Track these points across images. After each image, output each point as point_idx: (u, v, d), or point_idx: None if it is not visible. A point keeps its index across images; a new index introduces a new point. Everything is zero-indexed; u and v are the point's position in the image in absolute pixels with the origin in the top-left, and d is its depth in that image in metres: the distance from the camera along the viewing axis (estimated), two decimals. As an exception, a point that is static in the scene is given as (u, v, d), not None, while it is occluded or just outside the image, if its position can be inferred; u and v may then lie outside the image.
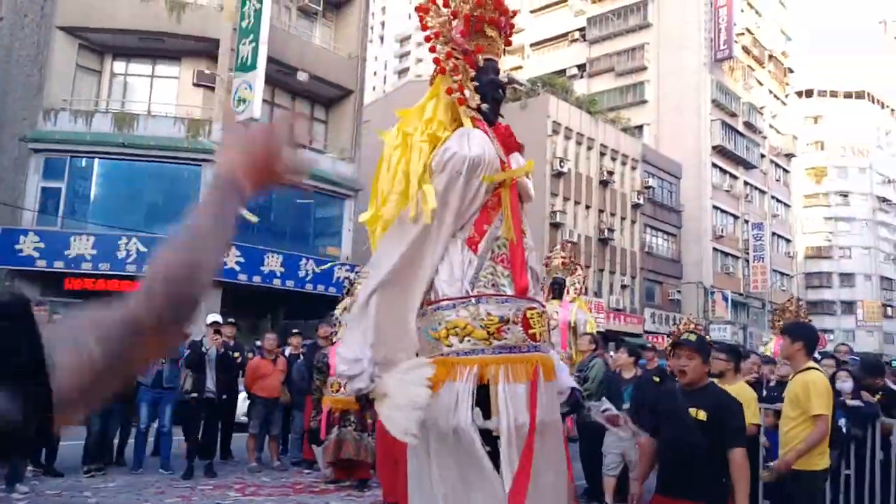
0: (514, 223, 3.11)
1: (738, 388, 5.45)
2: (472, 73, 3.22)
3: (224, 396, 8.66)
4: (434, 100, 3.25)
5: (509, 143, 3.25)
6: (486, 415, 2.91)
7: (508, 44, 3.53)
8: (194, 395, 8.37)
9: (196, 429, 8.44)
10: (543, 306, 3.21)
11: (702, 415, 3.59)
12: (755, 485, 5.79)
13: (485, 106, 3.24)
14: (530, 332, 3.00)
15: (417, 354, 3.07)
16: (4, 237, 17.67)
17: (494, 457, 2.91)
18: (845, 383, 5.78)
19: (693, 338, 3.87)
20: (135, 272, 17.79)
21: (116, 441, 8.81)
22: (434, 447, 2.93)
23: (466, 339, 2.93)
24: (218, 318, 9.12)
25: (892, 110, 63.55)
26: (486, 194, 3.11)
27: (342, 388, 7.89)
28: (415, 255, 3.04)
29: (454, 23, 3.23)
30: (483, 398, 2.90)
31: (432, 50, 3.23)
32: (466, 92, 3.18)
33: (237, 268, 18.63)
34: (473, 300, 2.98)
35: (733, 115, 42.38)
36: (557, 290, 9.99)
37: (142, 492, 7.16)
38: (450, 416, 2.85)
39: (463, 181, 3.01)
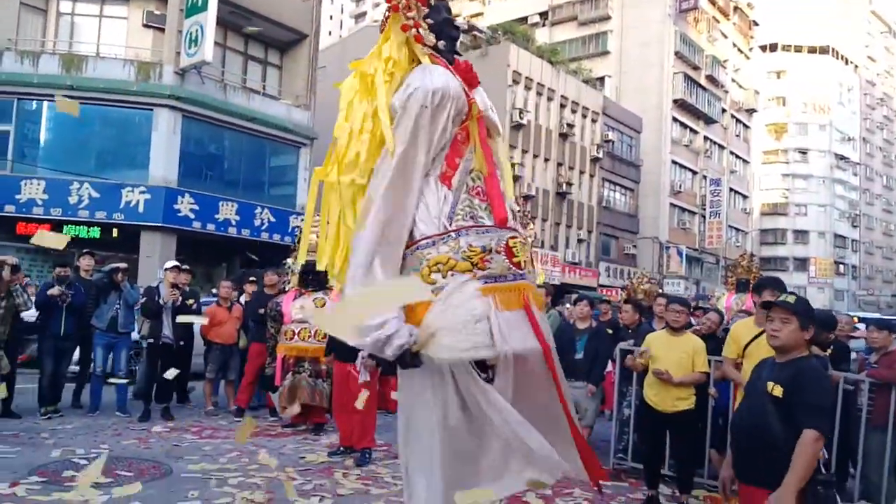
0: (485, 155, 3.08)
1: (686, 339, 5.66)
2: (425, 10, 3.19)
3: (181, 342, 8.67)
4: (388, 42, 3.19)
5: (470, 79, 3.21)
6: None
7: None
8: (150, 340, 8.38)
9: (153, 373, 8.46)
10: (524, 236, 3.22)
11: (777, 390, 3.10)
12: (702, 433, 6.06)
13: (441, 43, 3.21)
14: (514, 260, 2.99)
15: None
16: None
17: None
18: None
19: (792, 299, 3.30)
20: (87, 217, 17.48)
21: (73, 386, 8.81)
22: (432, 381, 2.92)
23: (450, 273, 2.90)
24: (175, 263, 9.05)
25: (856, 66, 64.31)
26: (454, 127, 3.07)
27: (296, 336, 7.98)
28: (398, 200, 2.98)
29: None
30: None
31: None
32: (421, 30, 3.14)
33: (192, 215, 18.44)
34: (453, 234, 2.95)
35: (696, 68, 42.59)
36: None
37: (98, 434, 7.20)
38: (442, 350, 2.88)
39: (429, 115, 2.96)
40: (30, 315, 8.28)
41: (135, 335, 8.85)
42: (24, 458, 5.95)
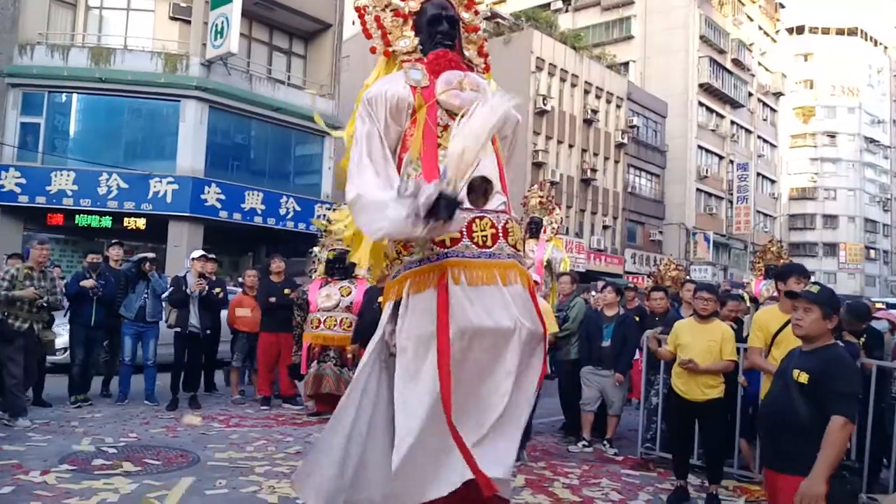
0: (424, 140, 3.15)
1: (715, 326, 5.57)
2: (408, 21, 3.40)
3: (208, 331, 8.75)
4: (377, 65, 3.53)
5: (437, 67, 3.30)
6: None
7: None
8: (178, 329, 8.46)
9: (181, 362, 8.56)
10: (504, 213, 3.19)
11: (803, 377, 3.19)
12: (731, 423, 5.99)
13: (418, 42, 3.39)
14: (474, 238, 3.05)
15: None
16: (-16, 171, 17.49)
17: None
18: None
19: (815, 289, 3.42)
20: (116, 208, 17.70)
21: (102, 375, 8.95)
22: (381, 360, 3.14)
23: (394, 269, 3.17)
24: (202, 252, 9.12)
25: (885, 48, 62.87)
26: (405, 122, 3.23)
27: (322, 325, 8.02)
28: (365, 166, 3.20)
29: None
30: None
31: (363, 23, 3.48)
32: (399, 43, 3.39)
33: (218, 205, 18.60)
34: None
35: (721, 51, 41.92)
36: (534, 229, 10.02)
37: (127, 422, 7.29)
38: (385, 331, 3.12)
39: (366, 115, 3.23)
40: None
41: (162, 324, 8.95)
42: (55, 447, 6.05)
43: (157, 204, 17.93)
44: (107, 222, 17.88)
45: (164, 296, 8.69)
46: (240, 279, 11.22)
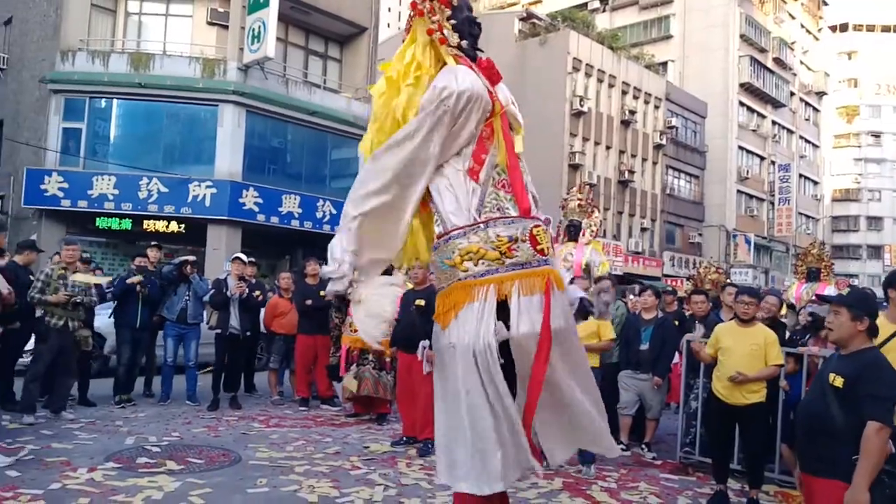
0: (507, 149, 3.23)
1: (757, 330, 5.47)
2: (448, 12, 3.32)
3: (248, 333, 8.86)
4: (413, 45, 3.35)
5: (492, 76, 3.33)
6: (508, 328, 3.08)
7: None
8: (218, 330, 8.60)
9: (221, 363, 8.69)
10: (547, 223, 3.34)
11: (838, 381, 3.18)
12: (772, 427, 5.87)
13: (464, 43, 3.34)
14: (538, 247, 3.15)
15: (435, 286, 3.34)
16: (30, 177, 17.93)
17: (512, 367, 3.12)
18: None
19: (845, 291, 3.53)
20: (156, 212, 18.03)
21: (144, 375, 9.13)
22: (461, 366, 3.05)
23: (480, 261, 3.09)
24: (242, 256, 9.24)
25: (931, 45, 61.25)
26: (479, 125, 3.23)
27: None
28: (403, 175, 3.19)
29: None
30: (504, 313, 3.08)
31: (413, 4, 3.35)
32: (445, 31, 3.27)
33: (256, 209, 18.81)
34: (482, 225, 3.12)
35: (762, 50, 41.26)
36: (573, 232, 9.96)
37: (170, 422, 7.43)
38: (470, 336, 3.02)
39: (450, 116, 3.12)
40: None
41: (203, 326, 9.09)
42: (101, 445, 6.19)
43: (196, 207, 18.21)
44: (147, 226, 18.23)
45: (205, 298, 8.84)
46: (276, 282, 11.34)
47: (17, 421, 6.88)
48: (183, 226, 18.44)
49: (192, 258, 9.05)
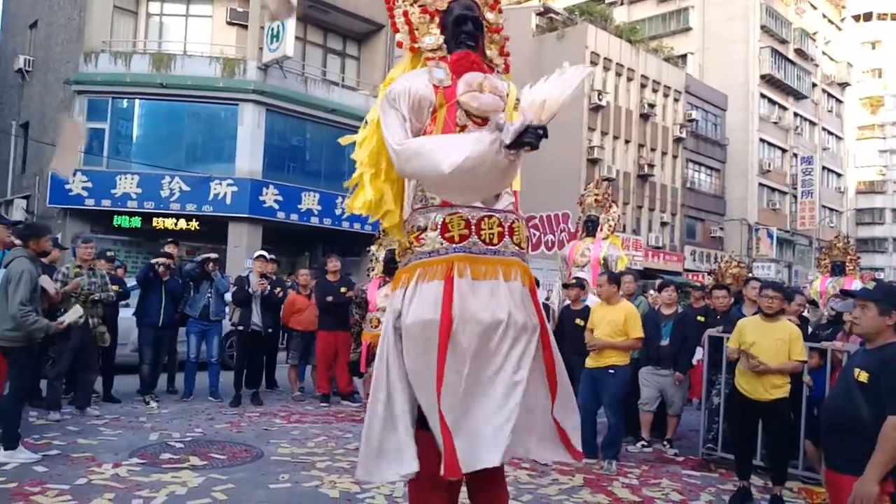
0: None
1: (782, 325, 5.42)
2: (435, 19, 3.43)
3: (269, 330, 8.93)
4: (402, 60, 3.59)
5: (458, 68, 3.34)
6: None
7: None
8: (240, 327, 8.67)
9: (243, 359, 8.77)
10: (511, 213, 3.26)
11: (863, 376, 3.13)
12: (796, 423, 5.82)
13: (442, 41, 3.41)
14: (447, 235, 3.12)
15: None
16: (55, 177, 18.13)
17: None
18: None
19: (871, 286, 3.46)
20: (178, 210, 18.21)
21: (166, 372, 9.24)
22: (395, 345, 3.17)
23: (405, 252, 3.25)
24: (265, 253, 9.31)
25: (957, 34, 60.10)
26: (426, 121, 3.28)
27: (381, 324, 8.07)
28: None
29: None
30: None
31: (391, 16, 3.51)
32: (425, 40, 3.42)
33: (276, 206, 18.95)
34: (408, 218, 3.30)
35: (783, 41, 40.75)
36: (591, 227, 9.93)
37: (193, 418, 7.51)
38: (385, 323, 3.21)
39: (387, 107, 3.26)
40: None
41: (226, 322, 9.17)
42: (125, 441, 6.27)
43: (217, 205, 18.37)
44: (170, 223, 18.41)
45: (226, 295, 8.91)
46: (295, 279, 11.42)
47: (44, 417, 6.99)
48: (195, 222, 18.59)
49: (213, 256, 9.14)
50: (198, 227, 18.63)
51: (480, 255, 3.10)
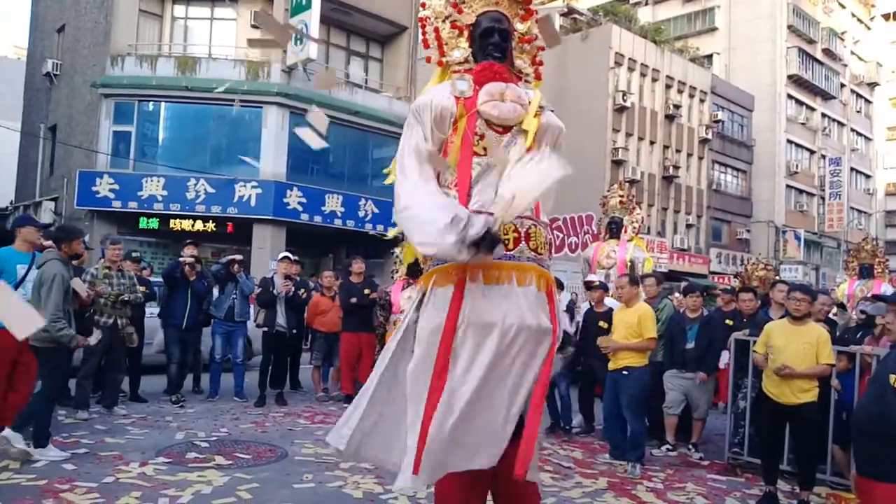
0: (462, 148, 3.27)
1: (809, 329, 5.35)
2: (464, 33, 3.51)
3: (294, 331, 8.99)
4: (434, 75, 3.70)
5: (481, 78, 3.38)
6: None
7: None
8: (265, 328, 8.73)
9: (268, 360, 8.83)
10: (528, 218, 3.25)
11: (893, 379, 3.12)
12: (824, 427, 5.73)
13: (469, 54, 3.50)
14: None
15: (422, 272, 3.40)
16: (82, 179, 18.47)
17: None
18: None
19: None
20: (203, 212, 18.39)
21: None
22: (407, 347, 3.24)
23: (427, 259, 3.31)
24: (290, 255, 9.38)
25: None
26: (447, 129, 3.34)
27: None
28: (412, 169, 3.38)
29: None
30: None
31: (423, 34, 3.62)
32: (453, 54, 3.53)
33: (300, 208, 19.06)
34: None
35: (811, 41, 40.21)
36: (615, 229, 9.88)
37: (218, 417, 7.58)
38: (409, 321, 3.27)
39: (413, 121, 3.39)
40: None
41: (250, 324, 9.24)
42: (152, 440, 6.34)
43: (242, 207, 18.53)
44: (196, 225, 18.60)
45: (252, 296, 8.99)
46: (318, 281, 11.49)
47: (72, 416, 7.09)
48: (214, 224, 18.75)
49: (238, 257, 9.21)
50: (215, 229, 18.79)
51: (495, 261, 3.12)
